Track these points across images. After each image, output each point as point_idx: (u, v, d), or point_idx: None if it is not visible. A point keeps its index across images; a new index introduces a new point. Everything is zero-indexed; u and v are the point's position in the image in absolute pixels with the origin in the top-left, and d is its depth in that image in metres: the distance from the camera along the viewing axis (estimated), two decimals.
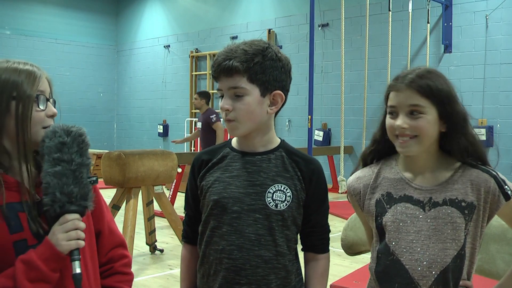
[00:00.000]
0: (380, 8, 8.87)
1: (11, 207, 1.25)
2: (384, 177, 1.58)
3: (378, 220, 1.55)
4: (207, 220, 1.50)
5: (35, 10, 13.07)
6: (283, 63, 1.47)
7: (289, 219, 1.47)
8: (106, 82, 14.47)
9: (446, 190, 1.49)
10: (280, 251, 1.46)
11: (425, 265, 1.47)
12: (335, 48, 9.46)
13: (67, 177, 1.22)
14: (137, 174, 4.65)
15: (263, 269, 1.44)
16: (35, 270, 1.19)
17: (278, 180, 1.47)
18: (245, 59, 1.41)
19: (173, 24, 13.17)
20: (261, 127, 1.49)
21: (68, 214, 1.22)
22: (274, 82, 1.45)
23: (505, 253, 1.90)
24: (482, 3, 8.04)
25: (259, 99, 1.44)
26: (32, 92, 1.29)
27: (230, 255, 1.44)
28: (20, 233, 1.25)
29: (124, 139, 14.42)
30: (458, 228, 1.46)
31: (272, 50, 1.45)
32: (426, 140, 1.48)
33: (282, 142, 1.55)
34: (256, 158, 1.49)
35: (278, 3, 10.88)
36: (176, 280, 4.34)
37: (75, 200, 1.22)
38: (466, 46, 8.21)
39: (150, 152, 4.95)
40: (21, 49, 12.45)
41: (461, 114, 1.48)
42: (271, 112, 1.48)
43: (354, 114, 9.28)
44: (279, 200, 1.45)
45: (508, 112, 7.68)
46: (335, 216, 7.07)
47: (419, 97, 1.45)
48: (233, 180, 1.48)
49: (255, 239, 1.44)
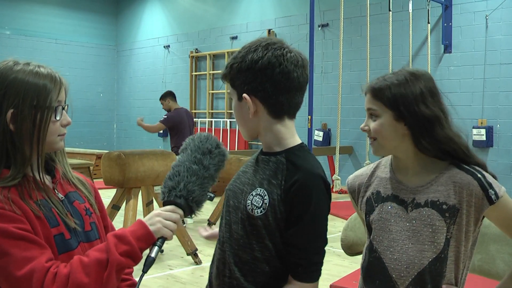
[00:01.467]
0: (380, 8, 8.87)
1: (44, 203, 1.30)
2: (377, 176, 1.62)
3: (367, 218, 1.59)
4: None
5: (35, 10, 13.07)
6: (259, 64, 1.37)
7: (263, 229, 1.36)
8: (106, 82, 14.47)
9: (429, 191, 1.50)
10: (258, 256, 1.37)
11: (403, 265, 1.49)
12: (335, 48, 9.46)
13: (198, 178, 1.29)
14: (137, 174, 4.64)
15: (240, 269, 1.39)
16: (126, 245, 1.22)
17: (262, 184, 1.39)
18: (228, 65, 1.43)
19: (173, 24, 13.17)
20: (260, 131, 1.43)
21: (177, 207, 1.28)
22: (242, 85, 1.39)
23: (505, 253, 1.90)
24: (482, 4, 8.04)
25: (237, 103, 1.43)
26: (51, 103, 1.31)
27: (221, 247, 1.46)
28: (57, 227, 1.30)
29: (124, 139, 14.42)
30: (438, 231, 1.46)
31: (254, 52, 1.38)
32: (385, 142, 1.52)
33: (294, 147, 1.43)
34: (261, 158, 1.47)
35: (278, 3, 10.88)
36: (175, 280, 4.35)
37: (191, 200, 1.28)
38: (466, 46, 8.21)
39: (150, 152, 4.95)
40: (21, 49, 12.45)
41: (422, 116, 1.47)
42: (253, 116, 1.40)
43: (354, 114, 9.28)
44: (256, 206, 1.37)
45: (508, 112, 7.68)
46: (335, 216, 7.07)
47: (373, 101, 1.53)
48: (242, 175, 1.49)
49: (236, 238, 1.41)
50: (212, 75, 12.18)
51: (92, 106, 13.83)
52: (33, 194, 1.29)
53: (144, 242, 1.25)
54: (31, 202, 1.27)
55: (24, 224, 1.22)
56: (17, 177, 1.28)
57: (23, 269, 1.18)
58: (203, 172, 1.30)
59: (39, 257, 1.20)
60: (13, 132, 1.28)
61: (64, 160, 1.45)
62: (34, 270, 1.17)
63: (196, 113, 12.43)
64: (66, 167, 1.44)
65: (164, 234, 1.26)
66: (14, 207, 1.23)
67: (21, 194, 1.27)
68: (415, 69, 1.57)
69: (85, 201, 1.44)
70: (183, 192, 1.27)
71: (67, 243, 1.31)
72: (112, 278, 1.20)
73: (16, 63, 1.33)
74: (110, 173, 4.63)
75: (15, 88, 1.29)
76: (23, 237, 1.21)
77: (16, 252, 1.19)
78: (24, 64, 1.33)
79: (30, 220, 1.24)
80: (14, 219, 1.21)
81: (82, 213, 1.40)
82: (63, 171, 1.43)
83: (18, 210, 1.23)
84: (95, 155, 10.49)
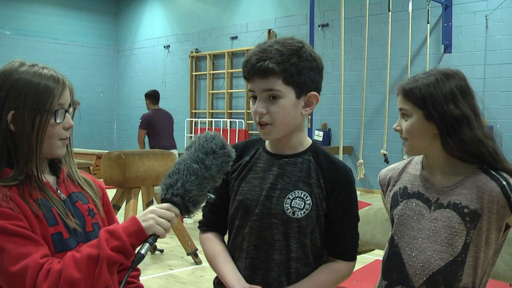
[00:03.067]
0: (380, 8, 8.87)
1: (44, 202, 1.30)
2: (407, 171, 1.63)
3: (392, 212, 1.61)
4: (233, 218, 1.50)
5: (35, 10, 13.08)
6: (317, 63, 1.42)
7: (307, 228, 1.42)
8: (106, 82, 14.47)
9: (453, 193, 1.49)
10: (293, 256, 1.43)
11: (419, 263, 1.49)
12: (335, 48, 9.46)
13: (197, 177, 1.25)
14: (137, 174, 4.64)
15: (275, 272, 1.43)
16: (117, 240, 1.22)
17: (299, 186, 1.42)
18: (281, 60, 1.35)
19: (173, 24, 13.17)
20: (293, 130, 1.44)
21: (173, 205, 1.25)
22: (309, 84, 1.40)
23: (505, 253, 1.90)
24: (482, 3, 8.04)
25: (294, 101, 1.39)
26: (51, 106, 1.31)
27: (249, 255, 1.45)
28: (56, 226, 1.30)
29: (124, 139, 14.42)
30: (456, 234, 1.45)
31: (306, 49, 1.40)
32: (415, 142, 1.52)
33: (312, 144, 1.49)
34: (283, 161, 1.46)
35: (278, 3, 10.88)
36: (176, 280, 4.35)
37: (188, 199, 1.25)
38: (466, 46, 8.21)
39: (150, 152, 4.95)
40: (21, 49, 12.46)
41: (451, 116, 1.46)
42: (305, 114, 1.44)
43: (354, 114, 9.28)
44: (297, 208, 1.41)
45: (508, 112, 7.68)
46: None
47: (405, 101, 1.52)
48: (258, 182, 1.46)
49: (270, 243, 1.43)
50: (212, 75, 12.18)
51: (92, 106, 13.83)
52: (34, 193, 1.29)
53: (136, 238, 1.24)
54: (31, 201, 1.27)
55: (21, 221, 1.23)
56: (18, 178, 1.28)
57: (17, 265, 1.18)
58: (204, 172, 1.26)
59: (34, 254, 1.20)
60: (14, 133, 1.29)
61: (71, 161, 1.44)
62: (28, 267, 1.18)
63: (196, 113, 12.43)
64: (72, 168, 1.44)
65: (156, 231, 1.24)
66: (12, 204, 1.23)
67: (22, 193, 1.27)
68: (447, 68, 1.55)
69: (89, 201, 1.44)
70: (180, 190, 1.24)
71: (65, 242, 1.31)
72: (104, 273, 1.20)
73: (22, 64, 1.33)
74: (110, 173, 4.63)
75: (18, 89, 1.29)
76: (19, 233, 1.21)
77: (11, 248, 1.19)
78: (29, 66, 1.33)
79: (28, 218, 1.25)
80: (11, 216, 1.22)
81: (84, 213, 1.40)
82: (68, 172, 1.43)
83: (16, 208, 1.23)
84: (95, 155, 10.49)
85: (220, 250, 1.51)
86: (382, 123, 8.79)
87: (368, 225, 2.34)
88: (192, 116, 12.34)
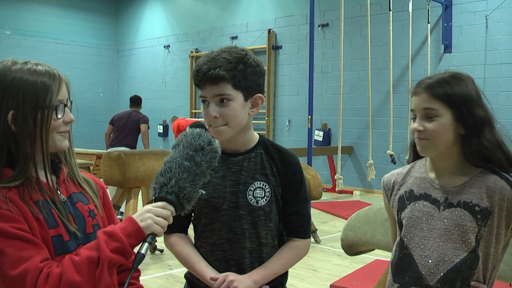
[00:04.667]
0: (380, 8, 8.87)
1: (44, 204, 1.29)
2: (412, 175, 1.65)
3: (398, 215, 1.63)
4: (199, 217, 1.64)
5: (35, 10, 13.08)
6: (260, 67, 1.58)
7: (270, 213, 1.60)
8: (106, 82, 14.48)
9: (462, 192, 1.52)
10: (263, 242, 1.60)
11: (433, 262, 1.52)
12: (335, 48, 9.46)
13: (189, 174, 1.28)
14: (137, 174, 4.64)
15: (248, 259, 1.59)
16: (116, 242, 1.21)
17: (257, 178, 1.59)
18: (230, 67, 1.51)
19: (173, 24, 13.18)
20: (242, 129, 1.60)
21: (168, 203, 1.27)
22: (254, 87, 1.56)
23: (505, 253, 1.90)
24: (482, 3, 8.04)
25: (243, 103, 1.55)
26: (51, 102, 1.30)
27: (221, 248, 1.59)
28: (56, 229, 1.29)
29: None
30: (469, 232, 1.49)
31: (250, 56, 1.56)
32: (441, 143, 1.51)
33: (260, 138, 1.66)
34: (238, 158, 1.62)
35: (278, 3, 10.88)
36: (176, 280, 4.34)
37: (182, 196, 1.27)
38: (466, 46, 8.21)
39: (150, 152, 4.95)
40: (21, 49, 12.46)
41: (479, 118, 1.50)
42: (252, 114, 1.60)
43: (354, 114, 9.29)
44: (259, 197, 1.58)
45: (509, 112, 7.68)
46: (335, 216, 7.07)
47: (433, 100, 1.50)
48: (220, 180, 1.60)
49: (240, 233, 1.58)
50: None
51: (92, 106, 13.83)
52: (34, 194, 1.28)
53: (135, 238, 1.23)
54: (31, 203, 1.26)
55: (21, 224, 1.22)
56: (18, 178, 1.27)
57: (18, 269, 1.17)
58: (195, 169, 1.29)
59: (34, 257, 1.19)
60: (15, 133, 1.28)
61: (72, 160, 1.44)
62: (28, 270, 1.17)
63: (196, 113, 12.43)
64: (73, 168, 1.43)
65: (154, 230, 1.24)
66: (11, 206, 1.22)
67: (22, 195, 1.26)
68: (458, 71, 1.57)
69: (89, 202, 1.43)
70: (175, 188, 1.26)
71: (65, 244, 1.30)
72: (104, 275, 1.20)
73: (14, 62, 1.32)
74: (110, 173, 4.63)
75: (14, 89, 1.28)
76: (19, 236, 1.20)
77: (11, 252, 1.19)
78: (22, 63, 1.32)
79: (28, 220, 1.24)
80: (11, 218, 1.21)
81: (85, 214, 1.39)
82: (69, 171, 1.42)
83: (16, 210, 1.23)
84: (95, 155, 10.49)
85: (190, 249, 1.65)
86: (383, 123, 8.79)
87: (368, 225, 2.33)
88: (192, 116, 12.33)
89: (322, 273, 4.54)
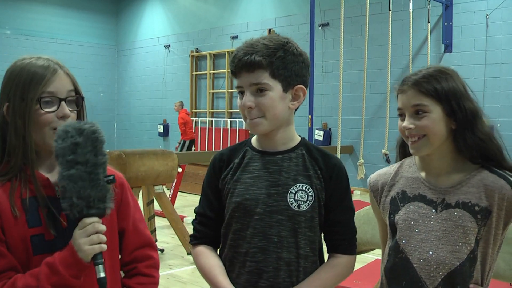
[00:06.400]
0: (380, 7, 8.87)
1: (32, 201, 1.25)
2: (402, 175, 1.58)
3: (391, 218, 1.55)
4: (230, 223, 1.46)
5: (35, 10, 13.08)
6: (303, 57, 1.44)
7: (312, 220, 1.43)
8: (106, 82, 14.48)
9: (460, 192, 1.48)
10: (302, 253, 1.42)
11: (433, 265, 1.46)
12: (335, 48, 9.45)
13: (83, 180, 1.17)
14: (138, 174, 4.64)
15: (285, 272, 1.41)
16: (56, 276, 1.18)
17: (299, 180, 1.43)
18: (267, 53, 1.38)
19: (173, 24, 13.18)
20: (282, 124, 1.45)
21: (87, 218, 1.19)
22: (295, 77, 1.42)
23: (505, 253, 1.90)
24: (483, 3, 8.04)
25: (281, 94, 1.40)
26: (36, 94, 1.27)
27: (253, 258, 1.41)
28: (37, 228, 1.25)
29: (125, 139, 14.42)
30: (469, 232, 1.45)
31: (292, 44, 1.42)
32: (435, 139, 1.46)
33: (302, 139, 1.51)
34: (277, 158, 1.45)
35: (278, 2, 10.88)
36: (176, 280, 4.34)
37: (93, 203, 1.19)
38: (467, 45, 8.21)
39: (151, 152, 4.95)
40: (21, 48, 12.46)
41: (469, 110, 1.46)
42: (292, 107, 1.45)
43: (354, 113, 9.28)
44: (301, 201, 1.41)
45: (509, 112, 7.67)
46: None
47: (422, 96, 1.46)
48: (255, 181, 1.44)
49: (277, 241, 1.40)
50: (213, 75, 12.18)
51: (92, 106, 13.73)
52: (25, 191, 1.25)
53: (76, 268, 1.19)
54: (18, 200, 1.24)
55: None
56: (9, 173, 1.26)
57: None
58: (85, 169, 1.18)
59: None
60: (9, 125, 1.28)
61: None
62: None
63: (197, 113, 12.43)
64: None
65: (95, 251, 1.19)
66: None
67: (11, 190, 1.24)
68: (443, 66, 1.54)
69: None
70: (82, 203, 1.18)
71: (48, 244, 1.25)
72: None
73: (24, 58, 1.32)
74: None
75: (10, 81, 1.29)
76: None
77: None
78: (29, 58, 1.32)
79: (3, 218, 1.21)
80: None
81: None
82: None
83: None
84: None
85: (215, 262, 1.46)
86: (383, 123, 8.79)
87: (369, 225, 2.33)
88: (193, 115, 12.33)
89: None
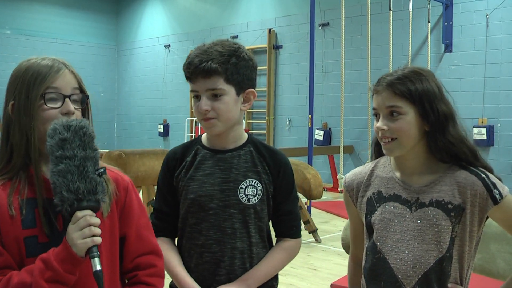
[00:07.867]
0: (380, 7, 8.87)
1: (30, 202, 1.25)
2: (377, 175, 1.59)
3: (368, 218, 1.56)
4: (186, 217, 1.57)
5: (35, 9, 13.08)
6: (252, 62, 1.55)
7: (261, 212, 1.56)
8: (107, 82, 14.47)
9: (433, 191, 1.48)
10: (253, 241, 1.56)
11: (409, 265, 1.47)
12: (335, 48, 9.46)
13: (72, 173, 1.18)
14: (138, 174, 4.65)
15: (239, 259, 1.54)
16: (51, 271, 1.18)
17: (249, 176, 1.55)
18: (222, 60, 1.46)
19: (173, 24, 13.18)
20: (234, 124, 1.55)
21: (79, 211, 1.18)
22: (247, 81, 1.53)
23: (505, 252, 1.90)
24: (483, 3, 8.04)
25: (235, 98, 1.51)
26: (40, 90, 1.28)
27: (210, 249, 1.54)
28: (32, 229, 1.24)
29: (125, 139, 14.42)
30: (443, 231, 1.45)
31: (242, 50, 1.52)
32: (407, 141, 1.47)
33: (249, 137, 1.62)
34: (227, 155, 1.56)
35: (278, 2, 10.88)
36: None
37: (83, 196, 1.18)
38: (467, 45, 8.21)
39: (151, 152, 4.95)
40: (21, 48, 12.45)
41: (442, 113, 1.46)
42: (244, 109, 1.56)
43: (355, 113, 9.28)
44: (251, 195, 1.54)
45: (509, 112, 7.68)
46: (335, 216, 7.07)
47: (396, 98, 1.46)
48: (207, 178, 1.54)
49: (231, 233, 1.53)
50: None
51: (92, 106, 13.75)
52: (23, 191, 1.25)
53: (70, 263, 1.18)
54: (15, 199, 1.23)
55: None
56: (9, 172, 1.26)
57: None
58: (73, 163, 1.18)
59: None
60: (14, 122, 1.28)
61: None
62: None
63: None
64: None
65: (88, 245, 1.17)
66: None
67: (11, 189, 1.24)
68: (418, 67, 1.54)
69: None
70: (71, 196, 1.17)
71: (41, 246, 1.24)
72: None
73: (29, 58, 1.35)
74: None
75: (16, 80, 1.30)
76: None
77: None
78: (32, 58, 1.34)
79: (0, 217, 1.22)
80: None
81: None
82: None
83: None
84: None
85: (172, 255, 1.58)
86: None
87: None
88: (193, 115, 12.34)
89: (322, 273, 4.55)
